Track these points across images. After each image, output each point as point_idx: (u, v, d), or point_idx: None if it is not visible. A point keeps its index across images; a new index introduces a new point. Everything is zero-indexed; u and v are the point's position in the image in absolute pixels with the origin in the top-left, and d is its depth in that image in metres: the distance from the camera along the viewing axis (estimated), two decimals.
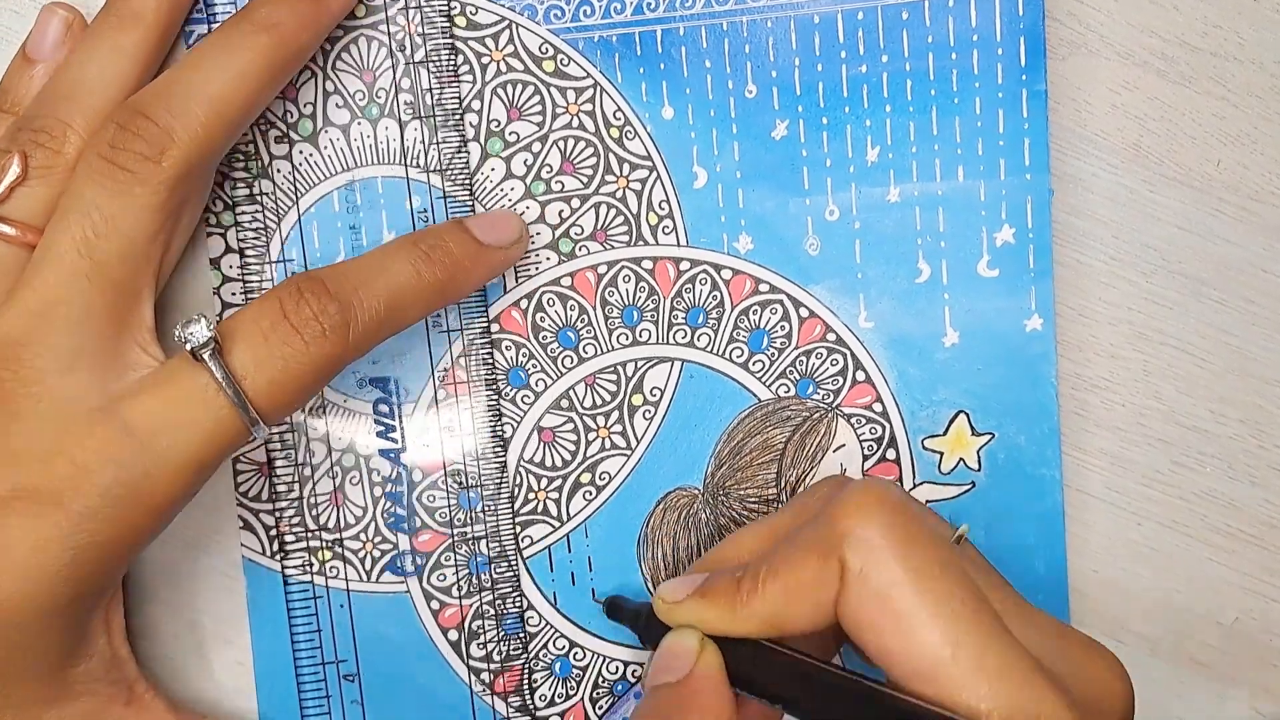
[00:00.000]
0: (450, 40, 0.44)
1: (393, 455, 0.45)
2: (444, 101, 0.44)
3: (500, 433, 0.45)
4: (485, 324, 0.45)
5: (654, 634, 0.40)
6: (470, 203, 0.44)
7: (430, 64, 0.44)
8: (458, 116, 0.44)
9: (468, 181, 0.44)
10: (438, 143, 0.44)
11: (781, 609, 0.37)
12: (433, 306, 0.41)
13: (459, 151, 0.44)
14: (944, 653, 0.34)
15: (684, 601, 0.39)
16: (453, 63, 0.44)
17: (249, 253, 0.44)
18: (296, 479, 0.45)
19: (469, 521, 0.45)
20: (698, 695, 0.37)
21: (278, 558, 0.45)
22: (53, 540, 0.37)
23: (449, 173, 0.44)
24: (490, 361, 0.45)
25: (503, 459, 0.45)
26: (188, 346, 0.37)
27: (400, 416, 0.45)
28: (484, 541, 0.45)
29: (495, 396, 0.45)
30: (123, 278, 0.38)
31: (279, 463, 0.45)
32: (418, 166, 0.44)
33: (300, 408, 0.43)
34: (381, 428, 0.45)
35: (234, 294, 0.44)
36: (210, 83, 0.39)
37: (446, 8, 0.44)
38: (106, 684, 0.40)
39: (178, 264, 0.44)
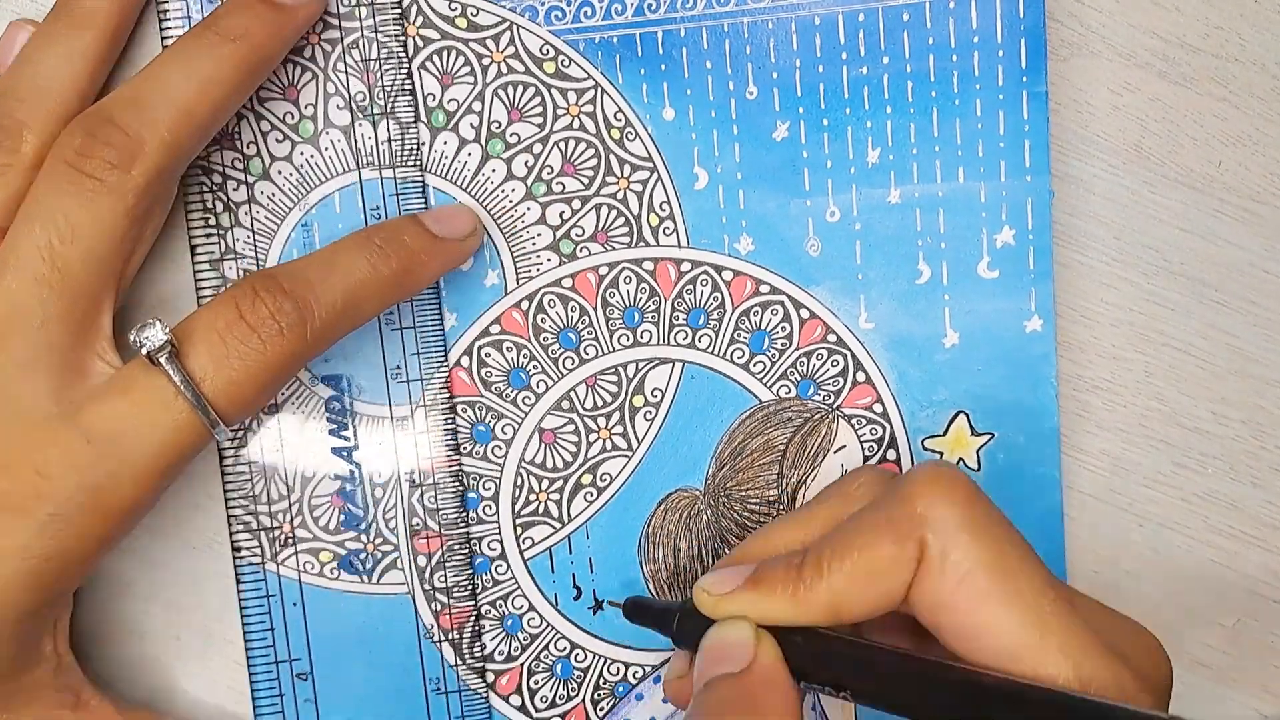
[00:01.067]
0: (402, 39, 0.44)
1: (345, 454, 0.45)
2: (440, 107, 0.44)
3: (503, 436, 0.45)
4: (439, 320, 0.45)
5: (692, 631, 0.39)
6: (421, 202, 0.44)
7: (424, 67, 0.44)
8: (453, 124, 0.44)
9: (419, 177, 0.44)
10: (399, 141, 0.44)
11: (846, 594, 0.36)
12: (390, 300, 0.41)
13: (429, 149, 0.44)
14: (1028, 631, 0.34)
15: (733, 593, 0.38)
16: (402, 57, 0.44)
17: (248, 255, 0.44)
18: (247, 470, 0.45)
19: (470, 522, 0.45)
20: (763, 686, 0.36)
21: (276, 559, 0.45)
22: (17, 548, 0.37)
23: (440, 176, 0.44)
24: (443, 358, 0.45)
25: (457, 462, 0.45)
26: (143, 350, 0.37)
27: (352, 415, 0.45)
28: (485, 543, 0.45)
29: (449, 394, 0.45)
30: (85, 285, 0.38)
31: (230, 464, 0.45)
32: (374, 168, 0.44)
33: (261, 407, 0.43)
34: (334, 425, 0.45)
35: None
36: (179, 91, 0.39)
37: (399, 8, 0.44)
38: (54, 690, 0.40)
39: (162, 266, 0.44)
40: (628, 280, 0.45)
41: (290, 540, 0.45)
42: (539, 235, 0.45)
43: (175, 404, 0.37)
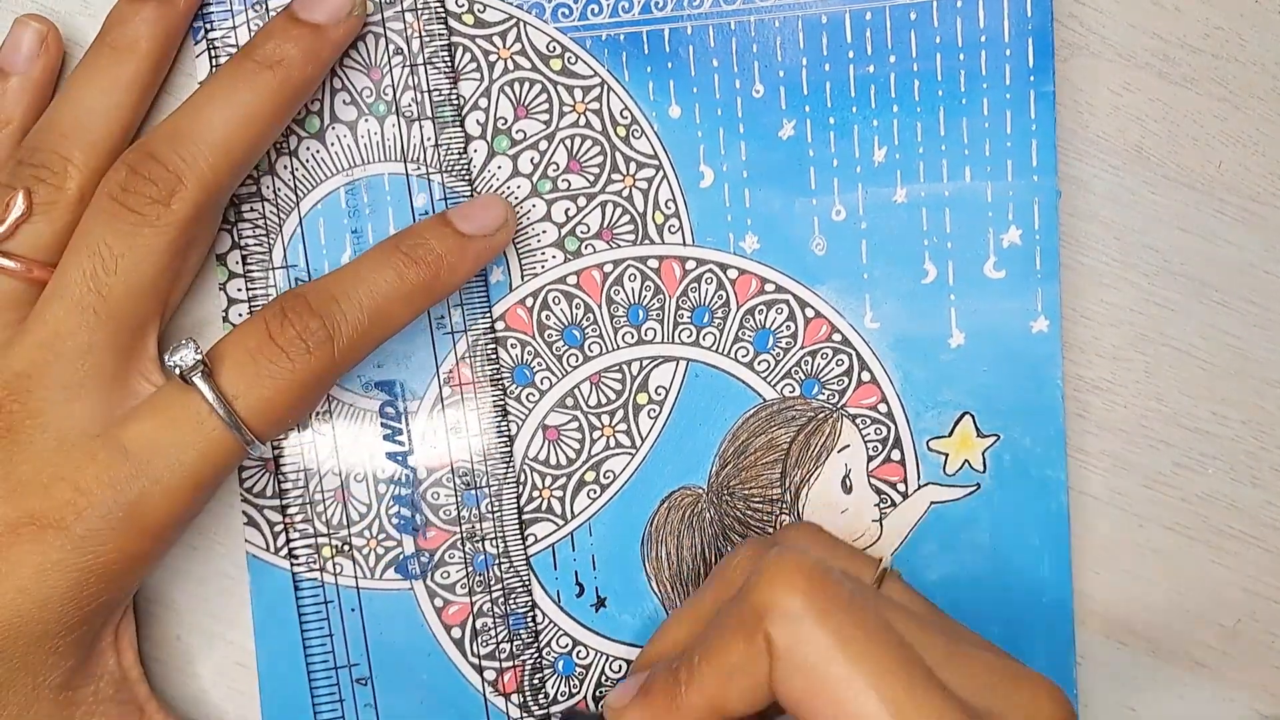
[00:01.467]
0: (448, 41, 0.44)
1: (400, 458, 0.45)
2: (446, 102, 0.44)
3: (507, 432, 0.45)
4: (489, 323, 0.45)
5: None
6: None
7: (432, 64, 0.44)
8: (459, 117, 0.44)
9: (469, 181, 0.44)
10: (437, 144, 0.44)
11: (719, 694, 0.36)
12: (422, 306, 0.41)
13: (461, 154, 0.44)
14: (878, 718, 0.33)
15: (628, 707, 0.38)
16: (449, 62, 0.44)
17: (254, 248, 0.44)
18: (303, 476, 0.44)
19: (474, 519, 0.45)
20: None
21: (283, 554, 0.44)
22: (57, 564, 0.37)
23: (452, 173, 0.44)
24: (495, 360, 0.45)
25: (510, 459, 0.45)
26: (177, 371, 0.38)
27: (407, 419, 0.45)
28: (489, 540, 0.45)
29: (501, 395, 0.45)
30: (129, 312, 0.39)
31: (285, 460, 0.44)
32: (419, 164, 0.44)
33: (295, 424, 0.44)
34: (388, 431, 0.45)
35: (239, 290, 0.44)
36: (218, 126, 0.39)
37: (444, 8, 0.44)
38: (116, 704, 0.41)
39: (194, 290, 0.44)
40: (632, 278, 0.45)
41: (347, 546, 0.45)
42: (544, 232, 0.45)
43: (209, 421, 0.38)
